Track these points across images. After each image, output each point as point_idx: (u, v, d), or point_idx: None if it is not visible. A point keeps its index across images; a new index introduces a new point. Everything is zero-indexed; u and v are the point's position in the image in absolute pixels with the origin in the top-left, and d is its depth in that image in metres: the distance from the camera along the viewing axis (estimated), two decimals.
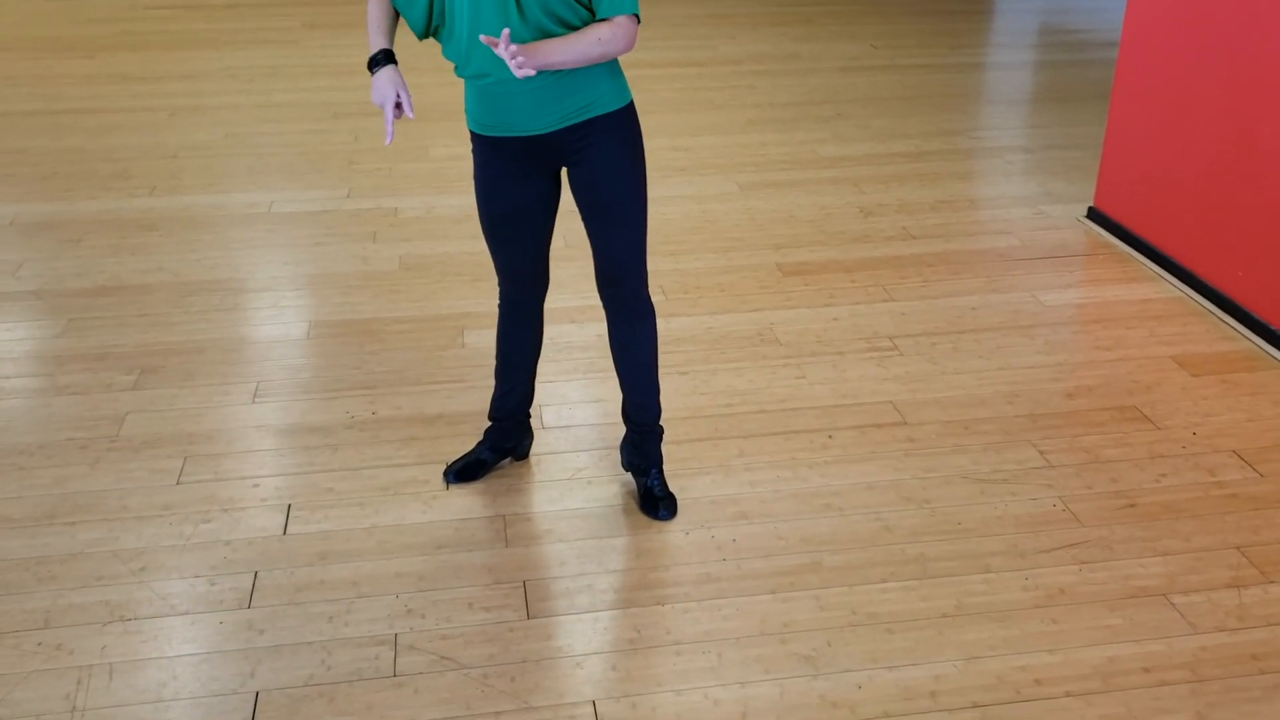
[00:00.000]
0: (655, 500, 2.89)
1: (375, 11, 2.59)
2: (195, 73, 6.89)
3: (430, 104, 6.26)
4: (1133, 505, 2.91)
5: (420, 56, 7.09)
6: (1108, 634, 2.49)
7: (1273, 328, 3.65)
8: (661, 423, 2.95)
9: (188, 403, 3.38)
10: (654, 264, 4.28)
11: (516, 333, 2.92)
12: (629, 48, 2.45)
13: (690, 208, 4.83)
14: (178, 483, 3.02)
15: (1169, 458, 3.10)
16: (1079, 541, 2.79)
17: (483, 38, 2.32)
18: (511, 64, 2.28)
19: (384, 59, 2.53)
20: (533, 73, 2.30)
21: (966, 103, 6.41)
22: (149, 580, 2.66)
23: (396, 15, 2.60)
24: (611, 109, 2.55)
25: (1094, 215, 4.64)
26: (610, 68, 2.54)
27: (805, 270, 4.23)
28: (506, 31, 2.26)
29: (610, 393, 3.41)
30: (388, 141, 2.47)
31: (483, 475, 3.04)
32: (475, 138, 2.65)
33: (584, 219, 2.68)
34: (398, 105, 2.49)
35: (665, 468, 3.02)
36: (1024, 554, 2.75)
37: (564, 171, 2.67)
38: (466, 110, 2.62)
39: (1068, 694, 2.34)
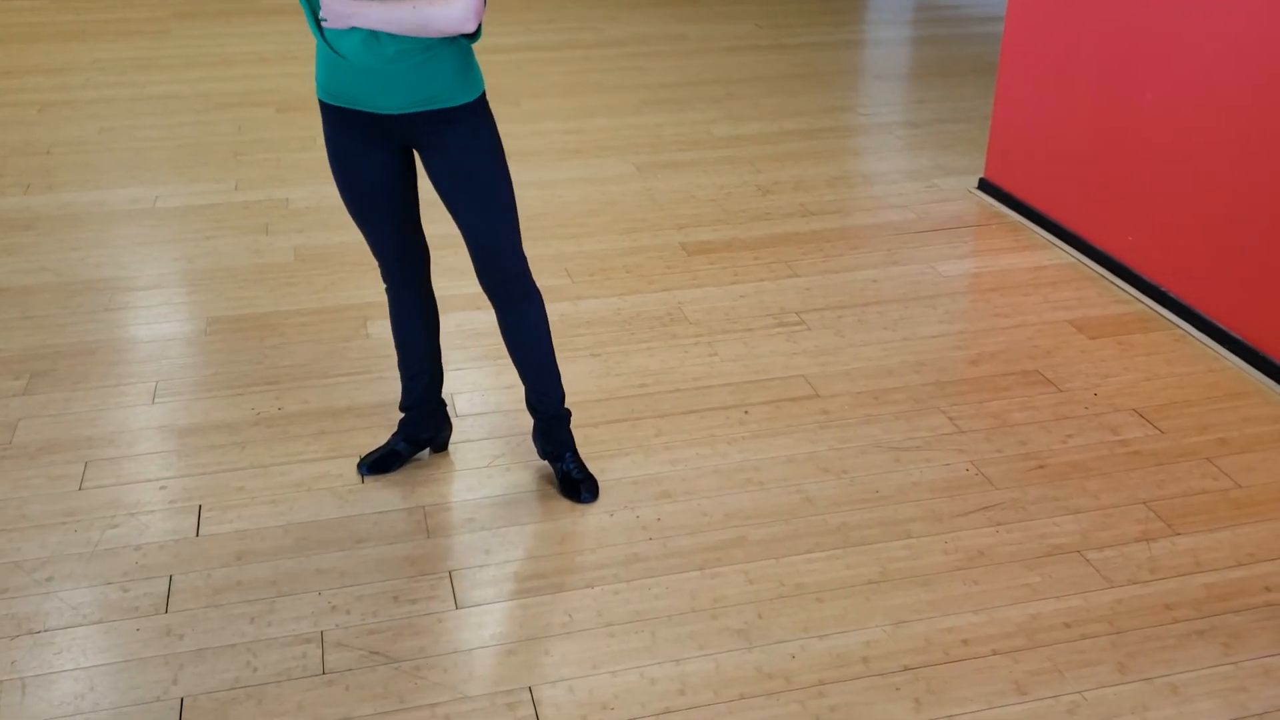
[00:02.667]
0: (575, 484, 2.87)
1: None
2: (63, 66, 6.61)
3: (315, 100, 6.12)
4: (1042, 466, 3.00)
5: (304, 45, 6.91)
6: (1028, 592, 2.56)
7: (1163, 289, 3.79)
8: (567, 406, 2.92)
9: (83, 406, 3.25)
10: (557, 247, 4.26)
11: (405, 312, 2.85)
12: (452, 26, 2.31)
13: (589, 190, 4.80)
14: (80, 488, 2.89)
15: (1073, 419, 3.20)
16: (994, 504, 2.85)
17: None
18: (324, 9, 2.30)
19: None
20: (342, 25, 2.31)
21: (853, 79, 6.51)
22: (57, 590, 2.54)
23: None
24: (460, 102, 2.49)
25: (985, 186, 4.75)
26: (461, 61, 2.47)
27: (709, 249, 4.25)
28: None
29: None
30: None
31: (397, 467, 2.98)
32: (324, 108, 2.56)
33: (450, 211, 2.61)
34: None
35: (583, 450, 3.01)
36: (942, 518, 2.80)
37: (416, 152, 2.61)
38: (317, 78, 2.53)
39: (994, 652, 2.39)
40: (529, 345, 2.78)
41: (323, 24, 2.36)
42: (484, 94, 2.55)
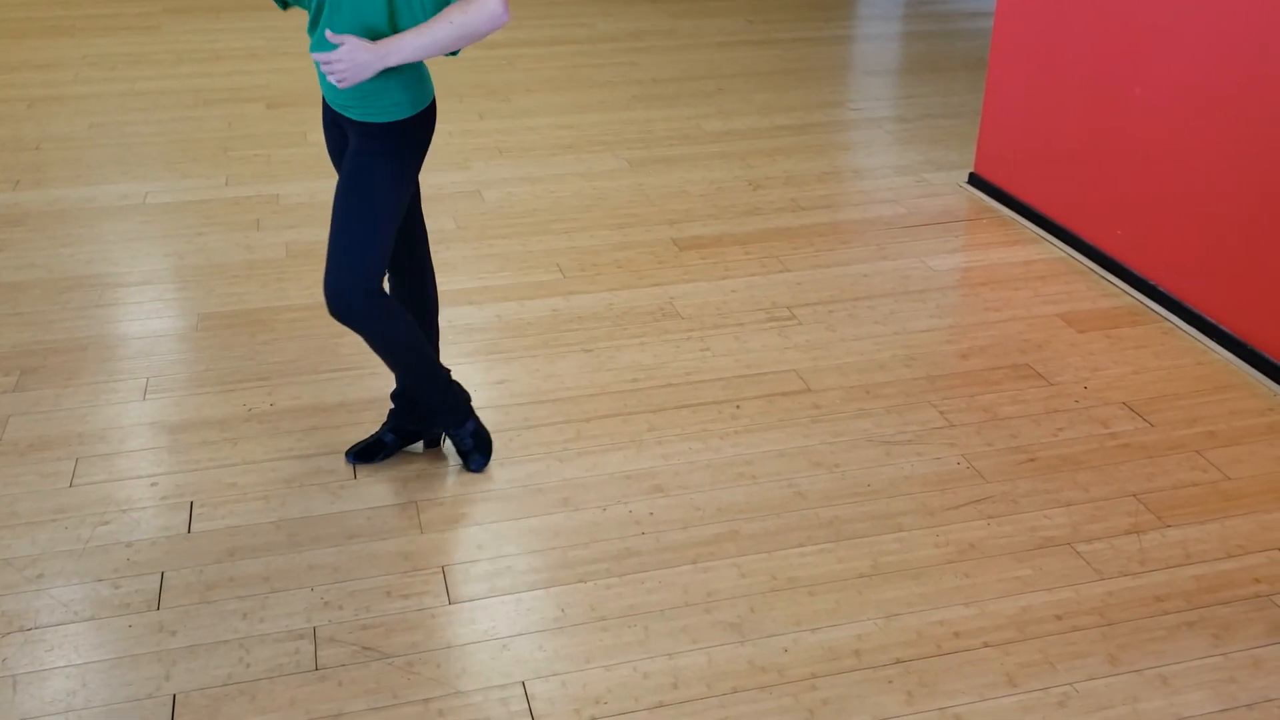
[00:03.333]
0: (463, 453, 2.94)
1: None
2: (52, 61, 6.58)
3: (307, 88, 6.10)
4: (1033, 459, 3.01)
5: (294, 40, 6.89)
6: (1019, 585, 2.57)
7: (1152, 283, 3.80)
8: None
9: (74, 402, 3.24)
10: (549, 242, 4.26)
11: (398, 300, 2.87)
12: (493, 24, 2.39)
13: (581, 185, 4.80)
14: (71, 485, 2.89)
15: (1063, 412, 3.21)
16: (984, 497, 2.86)
17: (327, 33, 2.37)
18: (331, 77, 2.39)
19: None
20: (368, 75, 2.40)
21: (844, 75, 6.51)
22: (48, 587, 2.54)
23: None
24: (373, 120, 2.52)
25: (975, 181, 4.76)
26: (402, 82, 2.50)
27: (700, 244, 4.25)
28: (340, 40, 2.36)
29: (514, 373, 3.39)
30: None
31: (384, 457, 2.98)
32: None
33: None
34: None
35: (576, 445, 3.02)
36: (933, 512, 2.81)
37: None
38: None
39: (985, 644, 2.40)
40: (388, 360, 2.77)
41: (335, 83, 2.45)
42: (409, 120, 2.54)
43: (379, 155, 2.55)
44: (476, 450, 2.95)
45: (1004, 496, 2.86)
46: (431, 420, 2.95)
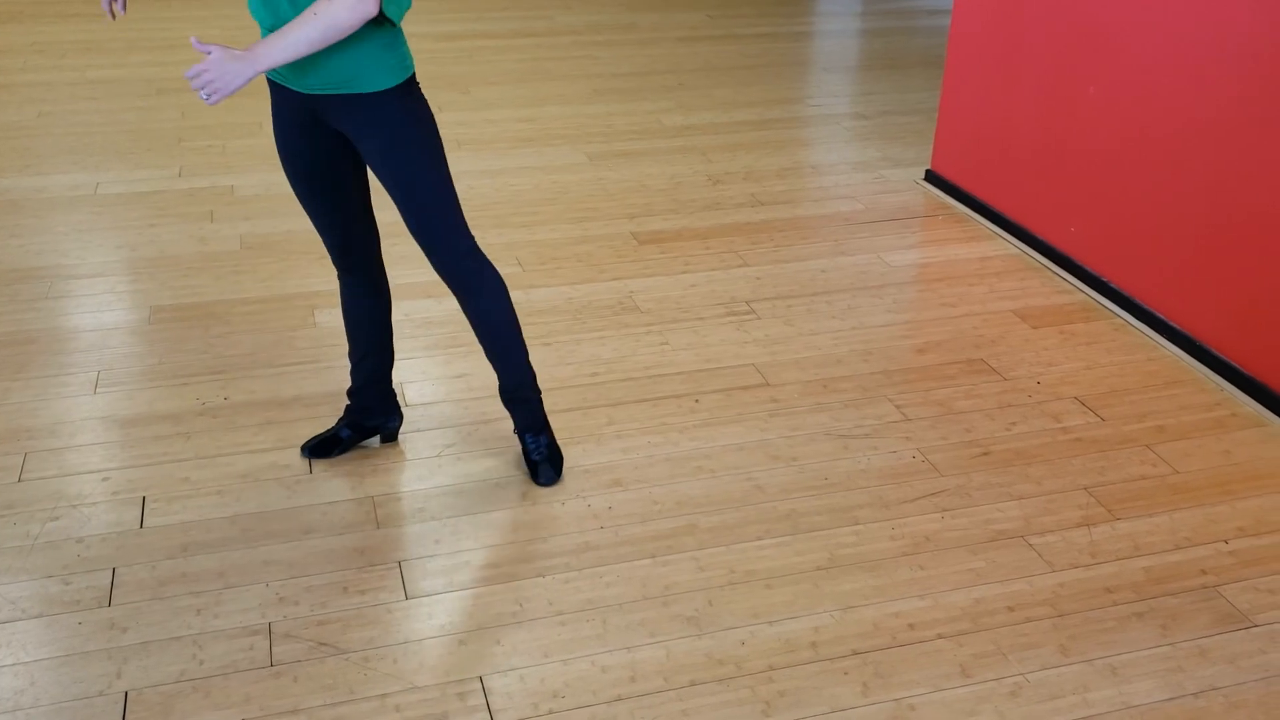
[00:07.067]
0: (532, 464, 2.89)
1: None
2: None
3: (263, 79, 6.04)
4: (987, 453, 3.04)
5: (250, 30, 6.83)
6: (972, 576, 2.60)
7: (1105, 280, 3.85)
8: (539, 387, 2.91)
9: (22, 396, 3.19)
10: (508, 236, 4.24)
11: (353, 295, 2.84)
12: (355, 13, 2.24)
13: (541, 179, 4.79)
14: (19, 480, 2.84)
15: (1017, 406, 3.24)
16: (939, 490, 2.89)
17: (193, 41, 2.25)
18: (200, 92, 2.24)
19: None
20: (220, 99, 2.25)
21: (803, 71, 6.54)
22: None
23: None
24: (376, 88, 2.41)
25: (931, 178, 4.80)
26: (376, 44, 2.38)
27: (660, 238, 4.25)
28: (206, 50, 2.22)
29: (472, 367, 3.37)
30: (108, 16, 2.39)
31: (339, 452, 2.96)
32: (269, 82, 2.54)
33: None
34: None
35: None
36: (889, 505, 2.83)
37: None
38: None
39: (940, 636, 2.43)
40: (482, 333, 2.77)
41: (205, 100, 2.29)
42: (407, 81, 2.46)
43: (409, 119, 2.45)
44: (548, 462, 2.87)
45: (958, 490, 2.89)
46: (517, 422, 2.89)
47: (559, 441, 3.02)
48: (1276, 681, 2.32)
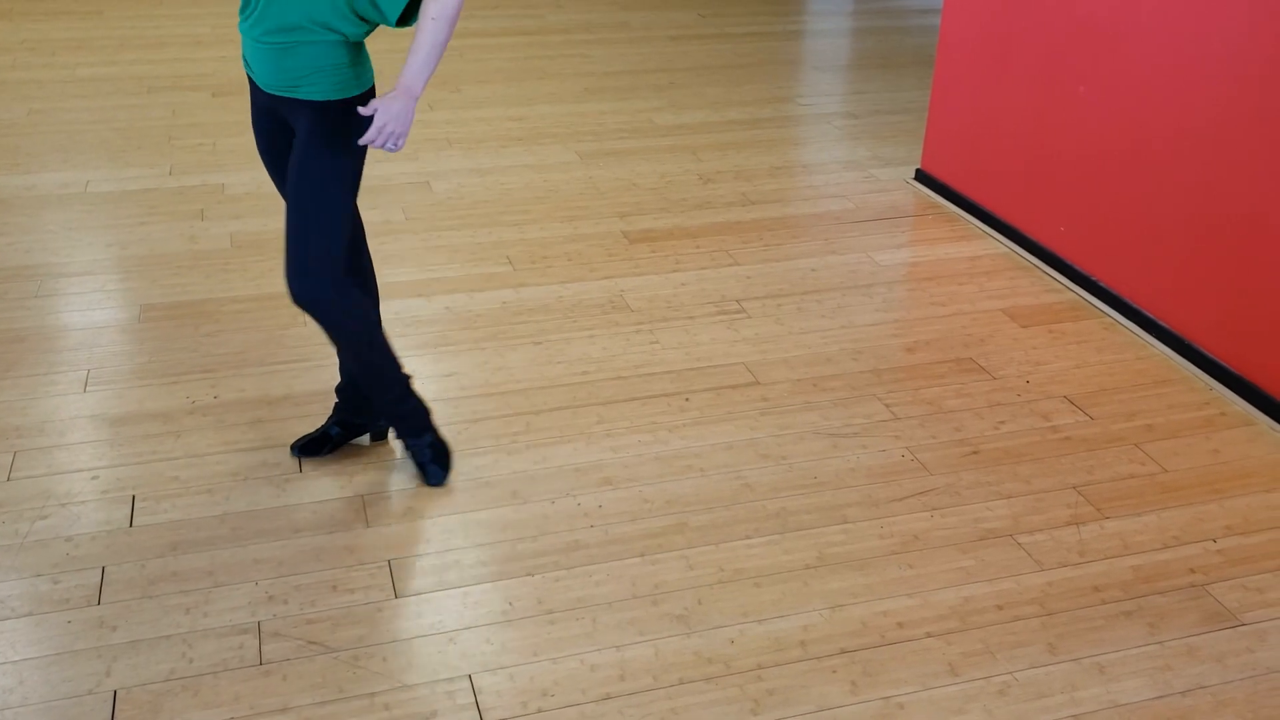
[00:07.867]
0: (420, 466, 2.88)
1: None
2: None
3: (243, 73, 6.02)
4: (976, 452, 3.05)
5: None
6: (961, 575, 2.61)
7: (1094, 279, 3.86)
8: (417, 392, 2.87)
9: (11, 395, 3.18)
10: (499, 234, 4.24)
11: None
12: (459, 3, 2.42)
13: (531, 177, 4.79)
14: (8, 479, 2.84)
15: (1006, 405, 3.25)
16: (928, 489, 2.90)
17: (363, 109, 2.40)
18: (388, 143, 2.40)
19: None
20: (404, 141, 2.44)
21: (794, 70, 6.54)
22: None
23: None
24: (321, 98, 2.49)
25: (921, 177, 4.81)
26: (339, 59, 2.47)
27: (651, 237, 4.26)
28: (370, 112, 2.37)
29: (462, 365, 3.38)
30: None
31: (329, 451, 2.95)
32: (247, 76, 2.65)
33: None
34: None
35: (526, 438, 3.01)
36: (878, 503, 2.84)
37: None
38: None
39: (928, 634, 2.43)
40: (346, 357, 2.75)
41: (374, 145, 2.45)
42: (355, 98, 2.52)
43: (331, 135, 2.52)
44: (434, 462, 2.87)
45: (947, 488, 2.90)
46: (387, 425, 2.91)
47: (552, 441, 3.02)
48: (1264, 680, 2.33)
